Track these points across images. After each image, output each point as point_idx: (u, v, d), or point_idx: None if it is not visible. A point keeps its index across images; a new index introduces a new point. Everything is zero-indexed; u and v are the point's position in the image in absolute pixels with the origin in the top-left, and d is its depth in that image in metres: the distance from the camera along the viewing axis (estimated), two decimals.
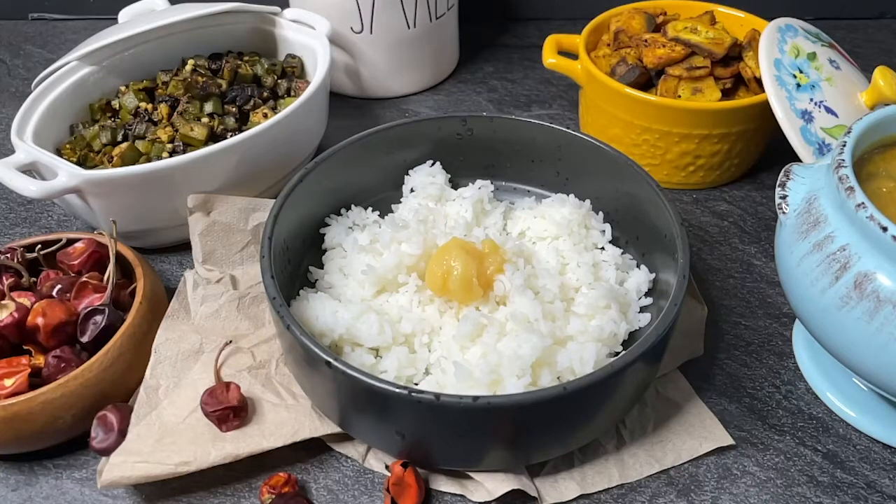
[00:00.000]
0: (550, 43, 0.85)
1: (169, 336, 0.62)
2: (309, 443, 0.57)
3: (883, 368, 0.49)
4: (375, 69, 0.95)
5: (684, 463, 0.57)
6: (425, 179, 0.70)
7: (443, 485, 0.56)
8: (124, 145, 0.74)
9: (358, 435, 0.57)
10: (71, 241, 0.66)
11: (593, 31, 0.86)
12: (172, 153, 0.73)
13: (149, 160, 0.72)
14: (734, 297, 0.70)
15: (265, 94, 0.82)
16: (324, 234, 0.68)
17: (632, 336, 0.61)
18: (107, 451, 0.54)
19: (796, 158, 0.67)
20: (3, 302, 0.59)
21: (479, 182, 0.71)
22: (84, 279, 0.62)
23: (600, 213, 0.68)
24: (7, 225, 0.79)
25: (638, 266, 0.65)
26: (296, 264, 0.65)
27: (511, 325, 0.57)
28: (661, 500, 0.55)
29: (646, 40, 0.81)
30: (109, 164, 0.73)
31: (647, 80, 0.81)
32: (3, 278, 0.62)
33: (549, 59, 0.84)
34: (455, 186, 0.72)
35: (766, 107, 0.71)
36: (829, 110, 0.70)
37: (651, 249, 0.65)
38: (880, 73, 0.70)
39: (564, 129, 0.68)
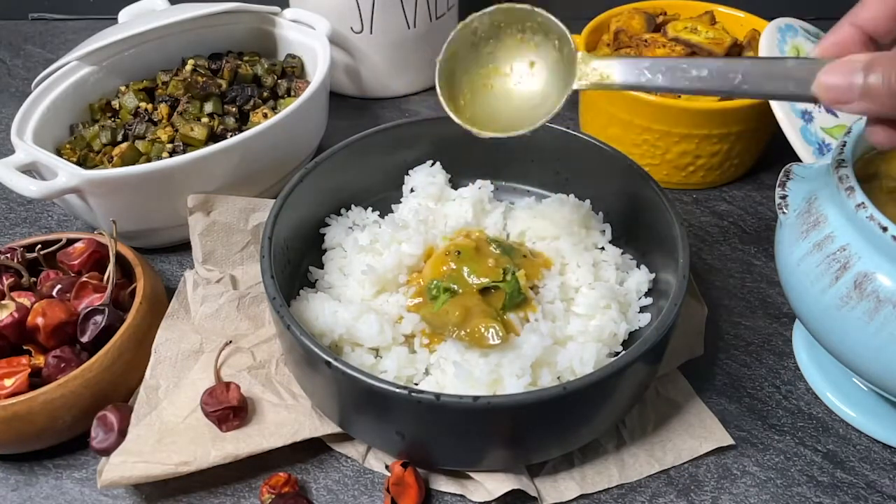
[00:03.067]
0: None
1: (169, 336, 0.62)
2: (309, 443, 0.57)
3: (883, 368, 0.49)
4: (375, 69, 0.95)
5: (684, 463, 0.57)
6: (425, 179, 0.70)
7: (443, 485, 0.56)
8: (124, 145, 0.74)
9: (358, 435, 0.57)
10: (71, 241, 0.66)
11: (593, 31, 0.86)
12: (172, 153, 0.73)
13: (149, 160, 0.72)
14: (734, 297, 0.70)
15: (265, 94, 0.82)
16: (324, 234, 0.68)
17: (632, 336, 0.61)
18: (107, 451, 0.54)
19: (796, 158, 0.67)
20: (3, 302, 0.59)
21: (479, 182, 0.71)
22: (84, 279, 0.62)
23: (600, 213, 0.68)
24: (7, 225, 0.79)
25: (638, 266, 0.65)
26: (296, 264, 0.65)
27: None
28: (661, 500, 0.55)
29: (646, 40, 0.81)
30: (109, 164, 0.73)
31: None
32: (3, 278, 0.62)
33: None
34: (455, 186, 0.71)
35: (766, 107, 0.71)
36: (829, 110, 0.70)
37: (651, 249, 0.65)
38: None
39: (564, 129, 0.68)
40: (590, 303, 0.59)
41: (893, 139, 0.46)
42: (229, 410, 0.55)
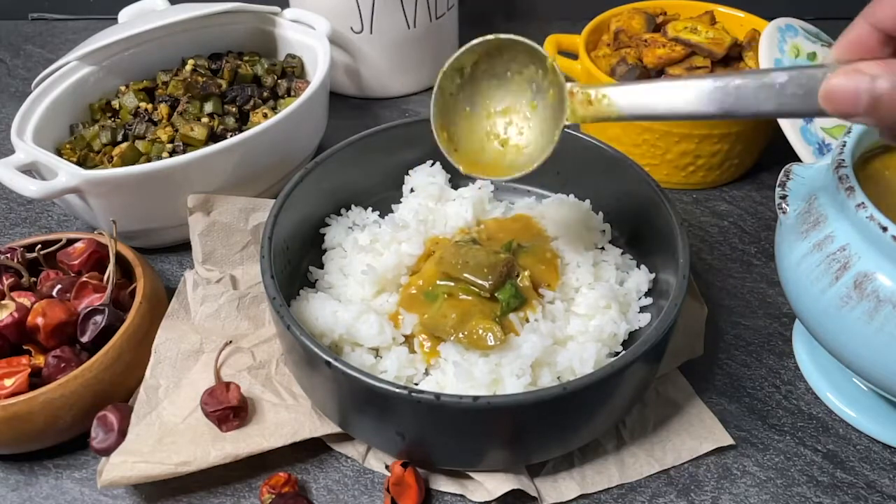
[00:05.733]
0: (550, 43, 0.85)
1: (169, 336, 0.62)
2: (309, 443, 0.57)
3: (883, 368, 0.49)
4: (375, 69, 0.95)
5: (684, 463, 0.57)
6: (425, 179, 0.70)
7: (443, 485, 0.56)
8: (124, 145, 0.74)
9: (358, 435, 0.57)
10: (71, 241, 0.66)
11: (593, 31, 0.86)
12: (172, 153, 0.73)
13: (149, 160, 0.72)
14: (734, 297, 0.70)
15: (265, 94, 0.82)
16: (324, 234, 0.68)
17: (632, 336, 0.61)
18: (107, 451, 0.54)
19: (796, 158, 0.67)
20: (3, 302, 0.59)
21: (479, 182, 0.71)
22: (84, 279, 0.62)
23: (600, 213, 0.68)
24: (7, 225, 0.80)
25: (638, 266, 0.65)
26: (296, 264, 0.65)
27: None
28: (661, 500, 0.55)
29: (646, 40, 0.81)
30: (109, 164, 0.73)
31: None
32: (3, 278, 0.62)
33: None
34: (455, 186, 0.71)
35: None
36: None
37: (651, 249, 0.65)
38: None
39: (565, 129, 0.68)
40: (590, 303, 0.59)
41: None
42: (229, 410, 0.55)
